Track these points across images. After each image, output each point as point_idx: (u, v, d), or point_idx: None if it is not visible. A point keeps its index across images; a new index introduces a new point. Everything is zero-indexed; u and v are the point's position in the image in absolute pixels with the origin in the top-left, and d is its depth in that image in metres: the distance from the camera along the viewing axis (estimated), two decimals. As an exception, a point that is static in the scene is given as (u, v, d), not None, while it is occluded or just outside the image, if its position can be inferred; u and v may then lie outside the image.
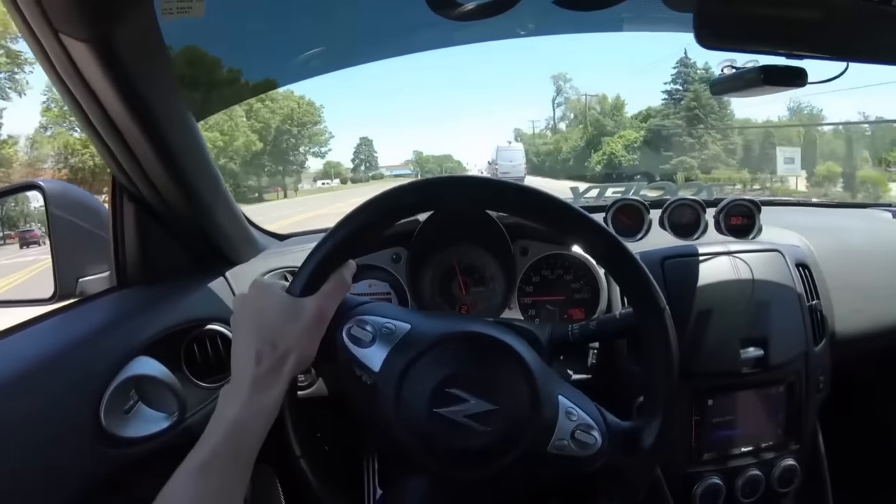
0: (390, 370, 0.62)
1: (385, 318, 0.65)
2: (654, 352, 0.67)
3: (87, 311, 0.89)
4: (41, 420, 0.74)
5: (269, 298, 0.63)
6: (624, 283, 0.70)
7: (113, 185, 0.88)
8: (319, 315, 0.62)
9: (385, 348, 0.63)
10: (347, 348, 0.64)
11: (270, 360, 0.59)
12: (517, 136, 49.86)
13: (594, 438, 0.64)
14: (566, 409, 0.65)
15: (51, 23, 0.60)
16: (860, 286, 1.15)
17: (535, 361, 0.66)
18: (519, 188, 0.66)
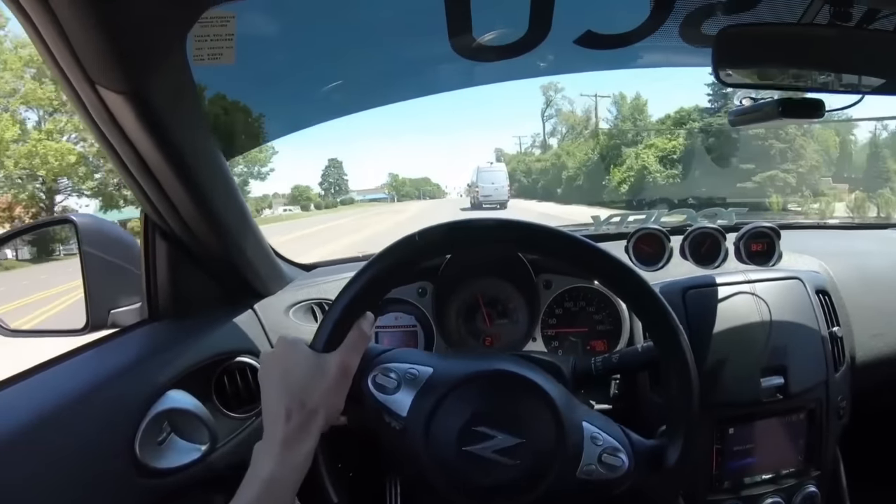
0: (418, 414, 0.65)
1: (408, 364, 0.67)
2: (674, 386, 0.69)
3: (120, 344, 0.92)
4: (80, 452, 0.77)
5: (295, 356, 0.65)
6: (646, 319, 0.72)
7: (145, 222, 0.90)
8: (344, 370, 0.64)
9: (411, 393, 0.66)
10: (374, 396, 0.66)
11: (299, 417, 0.61)
12: (499, 156, 46.74)
13: (621, 461, 0.66)
14: (591, 434, 0.67)
15: (87, 74, 0.61)
16: (880, 310, 1.15)
17: (557, 391, 0.68)
18: (539, 229, 0.69)
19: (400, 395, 0.66)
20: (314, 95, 1.06)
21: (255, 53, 0.84)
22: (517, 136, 39.52)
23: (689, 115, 21.83)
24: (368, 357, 0.68)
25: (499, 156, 47.86)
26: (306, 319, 1.06)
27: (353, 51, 0.99)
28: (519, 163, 36.52)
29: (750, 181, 17.06)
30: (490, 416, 0.64)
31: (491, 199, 23.83)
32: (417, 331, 1.11)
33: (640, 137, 23.96)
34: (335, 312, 0.66)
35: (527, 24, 0.87)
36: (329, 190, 46.22)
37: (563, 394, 0.69)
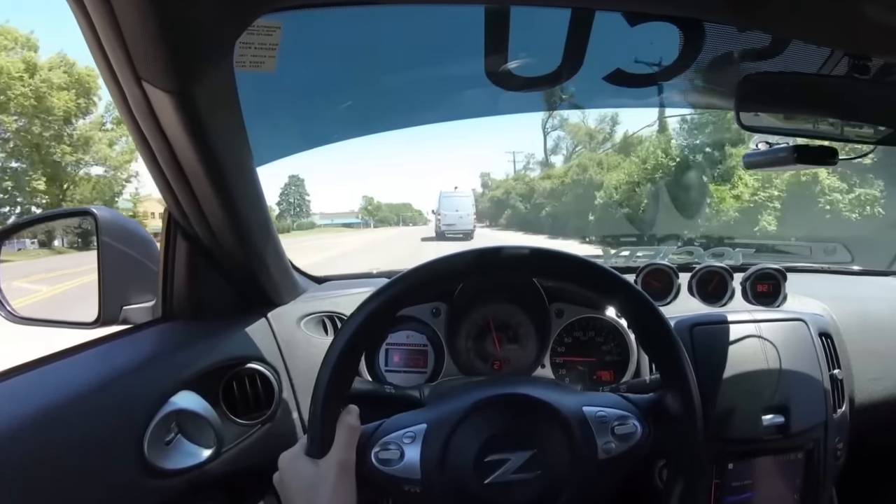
0: (431, 470, 0.66)
1: (402, 430, 0.69)
2: (679, 419, 0.70)
3: (133, 341, 0.92)
4: (87, 447, 0.76)
5: (298, 470, 0.67)
6: (654, 351, 0.74)
7: (168, 220, 0.91)
8: (343, 469, 0.66)
9: (416, 453, 0.67)
10: (384, 472, 0.67)
11: None
12: (484, 181, 45.34)
13: (633, 426, 0.69)
14: (595, 414, 0.69)
15: (135, 70, 0.62)
16: (880, 355, 1.17)
17: (542, 391, 0.70)
18: (559, 255, 0.72)
19: (407, 461, 0.67)
20: (342, 112, 1.07)
21: (291, 66, 0.85)
22: (510, 152, 37.49)
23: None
24: (363, 440, 0.68)
25: (484, 181, 46.55)
26: (317, 331, 1.06)
27: (385, 71, 1.01)
28: (516, 182, 32.59)
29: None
30: (494, 443, 0.66)
31: (454, 229, 22.20)
32: (428, 350, 1.12)
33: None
34: (316, 416, 0.67)
35: (560, 57, 0.90)
36: (288, 211, 42.18)
37: (552, 391, 0.71)
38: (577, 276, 0.72)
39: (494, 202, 35.65)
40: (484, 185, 47.12)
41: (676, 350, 0.70)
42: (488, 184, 45.20)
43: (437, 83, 1.08)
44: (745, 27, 0.89)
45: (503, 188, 34.06)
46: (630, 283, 0.72)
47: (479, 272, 0.74)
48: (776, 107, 0.90)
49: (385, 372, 1.11)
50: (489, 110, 1.20)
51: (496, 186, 38.82)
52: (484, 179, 48.17)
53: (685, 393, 0.70)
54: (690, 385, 0.70)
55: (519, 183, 31.83)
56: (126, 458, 0.79)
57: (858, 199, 9.61)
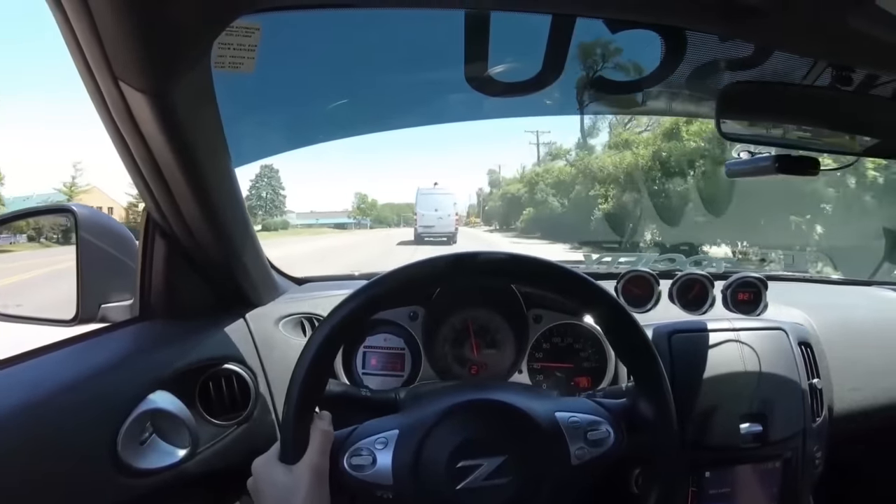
0: (402, 475, 0.66)
1: (374, 436, 0.69)
2: (652, 425, 0.71)
3: (109, 340, 0.91)
4: (60, 445, 0.76)
5: (272, 476, 0.67)
6: (628, 357, 0.74)
7: (146, 220, 0.90)
8: (316, 475, 0.66)
9: (388, 458, 0.67)
10: (356, 478, 0.67)
11: None
12: (493, 179, 43.02)
13: (606, 431, 0.69)
14: (567, 420, 0.69)
15: (112, 69, 0.62)
16: (860, 365, 1.18)
17: (515, 397, 0.70)
18: (536, 261, 0.72)
19: (379, 467, 0.67)
20: (324, 113, 1.07)
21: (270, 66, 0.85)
22: (535, 132, 29.78)
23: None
24: (336, 445, 0.69)
25: (493, 178, 44.23)
26: (295, 333, 1.06)
27: (366, 74, 1.01)
28: (542, 173, 25.04)
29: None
30: (466, 448, 0.66)
31: (433, 231, 20.50)
32: (405, 354, 1.11)
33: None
34: (289, 421, 0.66)
35: (541, 62, 0.90)
36: (260, 206, 38.39)
37: (525, 397, 0.71)
38: (553, 284, 0.72)
39: (507, 200, 32.74)
40: (492, 184, 45.09)
41: (650, 355, 0.71)
42: (498, 181, 42.79)
43: (417, 87, 1.08)
44: (728, 36, 0.89)
45: (521, 182, 29.76)
46: (605, 291, 0.72)
47: (456, 276, 0.74)
48: (758, 116, 0.90)
49: (362, 375, 1.11)
50: (471, 115, 1.20)
51: (509, 182, 35.74)
52: (493, 177, 45.91)
53: (658, 398, 0.70)
54: (664, 390, 0.70)
55: (543, 175, 24.39)
56: (99, 456, 0.79)
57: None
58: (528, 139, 31.71)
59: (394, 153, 74.97)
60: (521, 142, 57.55)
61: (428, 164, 76.13)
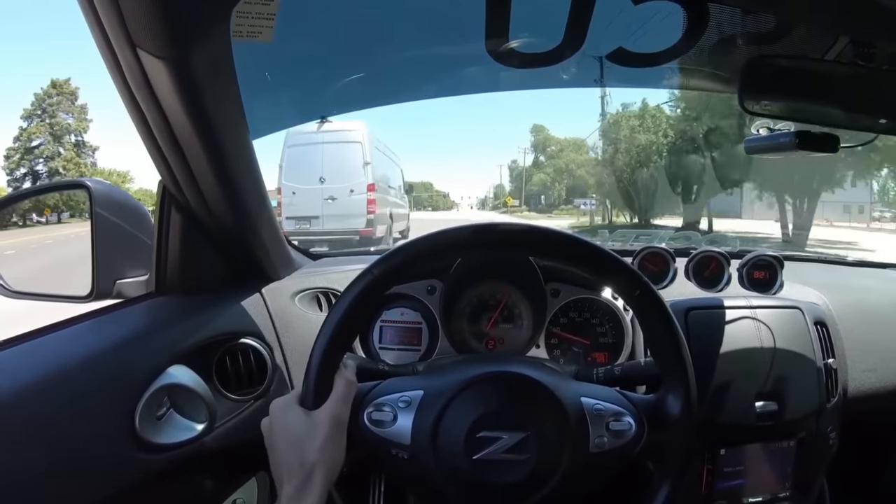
0: (421, 437, 0.66)
1: (398, 393, 0.69)
2: (676, 422, 0.70)
3: (126, 315, 0.91)
4: (78, 420, 0.76)
5: (287, 418, 0.66)
6: (656, 344, 0.73)
7: (162, 193, 0.90)
8: (335, 423, 0.65)
9: (409, 419, 0.67)
10: (374, 433, 0.67)
11: (299, 477, 0.62)
12: (539, 138, 39.84)
13: (628, 424, 0.68)
14: (592, 406, 0.68)
15: (130, 37, 0.61)
16: (874, 346, 1.17)
17: (546, 376, 0.70)
18: (562, 235, 0.71)
19: (399, 425, 0.67)
20: (342, 84, 1.06)
21: (289, 36, 0.84)
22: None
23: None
24: (358, 398, 0.68)
25: (539, 138, 40.26)
26: (311, 307, 1.05)
27: (383, 44, 1.00)
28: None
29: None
30: (489, 419, 0.66)
31: (321, 231, 9.03)
32: (422, 328, 1.11)
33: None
34: (314, 365, 0.66)
35: (562, 34, 0.89)
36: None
37: (554, 376, 0.71)
38: (577, 257, 0.71)
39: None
40: (540, 146, 40.88)
41: (681, 352, 0.70)
42: (539, 161, 39.78)
43: (436, 58, 1.07)
44: (750, 9, 0.88)
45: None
46: (639, 274, 0.70)
47: (476, 248, 0.74)
48: (779, 91, 0.89)
49: (379, 349, 1.10)
50: (490, 87, 1.18)
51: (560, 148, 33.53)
52: (539, 136, 41.04)
53: (685, 397, 0.69)
54: (691, 390, 0.69)
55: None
56: (117, 431, 0.78)
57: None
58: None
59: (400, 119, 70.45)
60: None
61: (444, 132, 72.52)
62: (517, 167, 46.71)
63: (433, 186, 48.67)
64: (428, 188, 47.88)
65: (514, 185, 46.61)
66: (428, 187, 47.85)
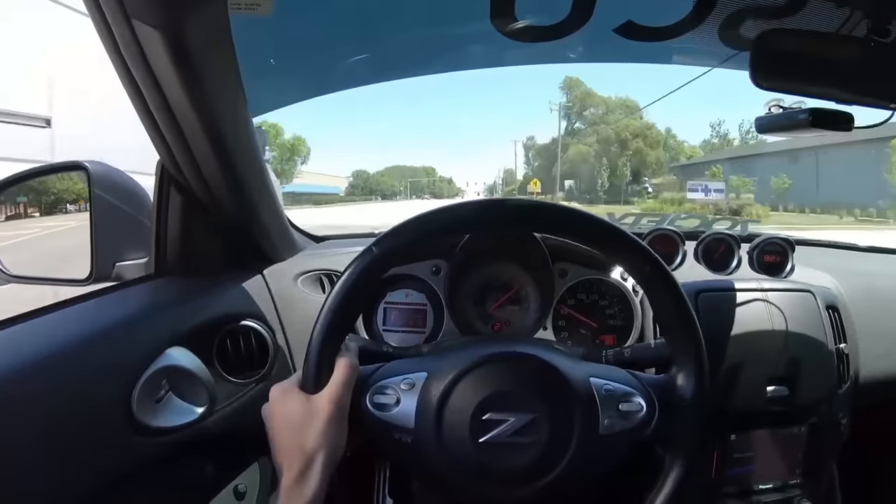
0: (425, 420, 0.64)
1: (401, 376, 0.67)
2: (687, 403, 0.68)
3: (124, 296, 0.90)
4: (74, 402, 0.74)
5: (288, 403, 0.65)
6: (668, 324, 0.71)
7: (161, 174, 0.88)
8: (337, 408, 0.64)
9: (412, 402, 0.65)
10: (377, 417, 0.65)
11: (301, 462, 0.62)
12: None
13: (638, 405, 0.66)
14: (602, 387, 0.67)
15: (124, 6, 0.59)
16: (887, 332, 1.15)
17: (554, 356, 0.68)
18: (573, 211, 0.69)
19: (402, 408, 0.65)
20: (345, 60, 1.04)
21: (288, 9, 0.82)
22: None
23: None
24: (360, 381, 0.67)
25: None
26: (314, 289, 1.04)
27: (385, 18, 0.98)
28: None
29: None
30: (495, 401, 0.64)
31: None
32: (427, 309, 1.09)
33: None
34: (314, 349, 0.65)
35: (569, 6, 0.87)
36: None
37: (561, 356, 0.69)
38: (587, 234, 0.69)
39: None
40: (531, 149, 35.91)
41: (693, 331, 0.68)
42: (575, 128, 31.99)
43: (440, 32, 1.04)
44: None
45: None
46: (651, 252, 0.69)
47: (483, 224, 0.72)
48: (792, 66, 0.87)
49: (383, 331, 1.09)
50: (496, 61, 1.16)
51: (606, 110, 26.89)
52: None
53: (698, 378, 0.67)
54: (704, 372, 0.68)
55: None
56: (113, 414, 0.77)
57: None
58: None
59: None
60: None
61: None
62: (534, 144, 38.66)
63: (436, 171, 43.55)
64: (430, 173, 42.74)
65: (538, 163, 37.71)
66: (430, 172, 42.86)
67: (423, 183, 40.09)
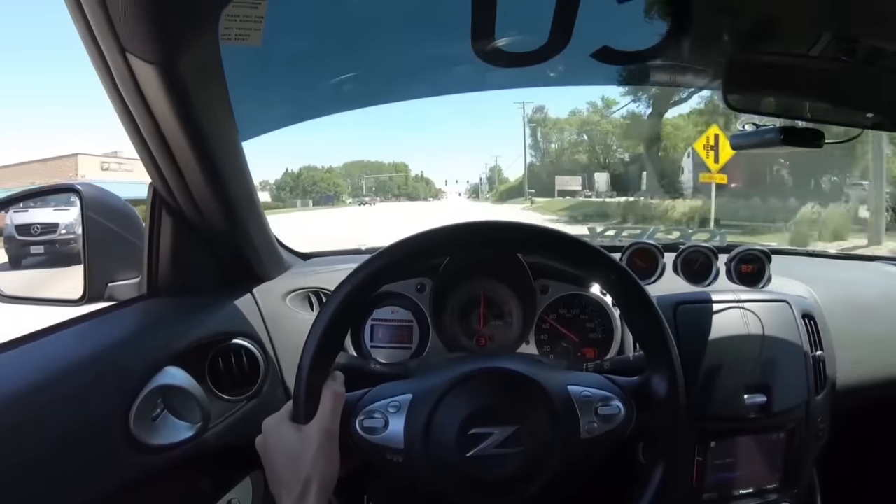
0: (414, 440, 0.67)
1: (388, 399, 0.69)
2: (663, 402, 0.71)
3: (119, 317, 0.92)
4: (73, 422, 0.76)
5: (279, 435, 0.68)
6: (640, 331, 0.74)
7: (153, 196, 0.90)
8: (326, 436, 0.66)
9: (400, 423, 0.67)
10: (368, 441, 0.68)
11: (296, 490, 0.64)
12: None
13: (616, 407, 0.69)
14: (580, 394, 0.69)
15: (119, 41, 0.61)
16: (863, 338, 1.18)
17: (530, 368, 0.70)
18: (543, 230, 0.72)
19: (391, 430, 0.67)
20: (331, 86, 1.07)
21: (277, 38, 0.84)
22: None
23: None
24: (348, 407, 0.69)
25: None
26: (303, 307, 1.06)
27: (370, 46, 1.00)
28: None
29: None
30: (479, 415, 0.67)
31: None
32: (413, 326, 1.11)
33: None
34: (302, 381, 0.67)
35: (548, 33, 0.90)
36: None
37: (539, 368, 0.72)
38: (564, 253, 0.72)
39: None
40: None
41: (662, 332, 0.71)
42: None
43: (423, 58, 1.07)
44: (734, 5, 0.89)
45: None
46: (616, 261, 0.72)
47: (463, 246, 0.74)
48: (763, 87, 0.91)
49: (370, 348, 1.11)
50: (479, 86, 1.19)
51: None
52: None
53: (671, 376, 0.70)
54: (676, 368, 0.70)
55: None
56: (112, 434, 0.79)
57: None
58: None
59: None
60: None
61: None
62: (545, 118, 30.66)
63: (408, 168, 34.67)
64: (401, 169, 33.42)
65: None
66: (401, 168, 33.34)
67: (392, 182, 32.08)
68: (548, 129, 27.69)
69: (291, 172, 30.64)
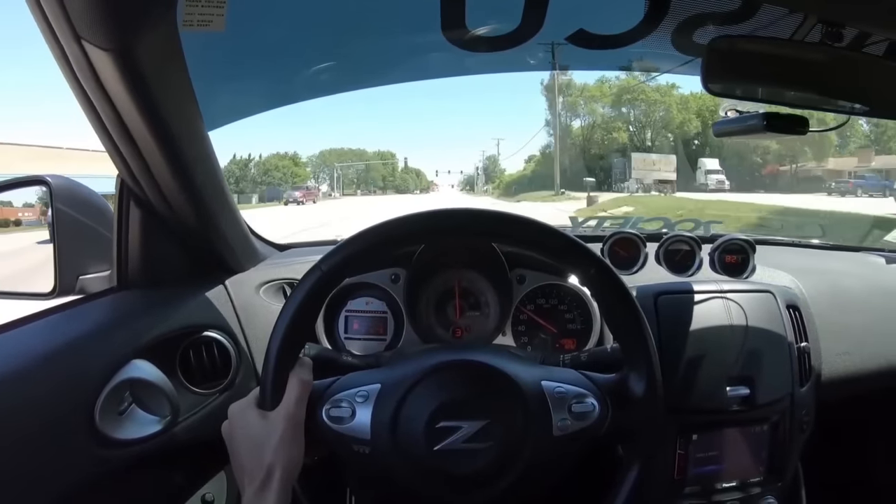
0: (381, 431, 0.65)
1: (356, 388, 0.68)
2: (640, 401, 0.69)
3: (87, 310, 0.90)
4: (37, 416, 0.75)
5: (245, 420, 0.67)
6: (617, 328, 0.73)
7: (121, 188, 0.89)
8: (291, 423, 0.65)
9: (367, 413, 0.66)
10: (334, 430, 0.66)
11: (259, 477, 0.63)
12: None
13: (591, 405, 0.68)
14: (553, 389, 0.68)
15: (74, 29, 0.60)
16: (848, 330, 1.17)
17: (503, 361, 0.69)
18: (516, 218, 0.70)
19: (358, 420, 0.66)
20: (298, 72, 1.05)
21: (244, 24, 0.82)
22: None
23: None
24: (315, 395, 0.68)
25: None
26: (276, 299, 1.04)
27: (344, 30, 0.98)
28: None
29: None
30: (448, 408, 0.65)
31: None
32: (387, 317, 1.10)
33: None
34: (269, 368, 0.66)
35: (520, 17, 0.88)
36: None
37: (513, 361, 0.70)
38: (539, 243, 0.71)
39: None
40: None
41: (642, 331, 0.69)
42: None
43: (393, 43, 1.05)
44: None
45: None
46: (596, 255, 0.70)
47: (432, 235, 0.73)
48: (745, 72, 0.88)
49: (345, 339, 1.10)
50: (453, 71, 1.17)
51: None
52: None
53: (648, 375, 0.69)
54: (654, 368, 0.69)
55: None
56: (76, 427, 0.78)
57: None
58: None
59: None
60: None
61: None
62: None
63: (395, 157, 30.74)
64: (386, 158, 29.42)
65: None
66: (386, 157, 29.46)
67: (376, 173, 28.78)
68: (573, 97, 21.75)
69: (241, 159, 25.31)
